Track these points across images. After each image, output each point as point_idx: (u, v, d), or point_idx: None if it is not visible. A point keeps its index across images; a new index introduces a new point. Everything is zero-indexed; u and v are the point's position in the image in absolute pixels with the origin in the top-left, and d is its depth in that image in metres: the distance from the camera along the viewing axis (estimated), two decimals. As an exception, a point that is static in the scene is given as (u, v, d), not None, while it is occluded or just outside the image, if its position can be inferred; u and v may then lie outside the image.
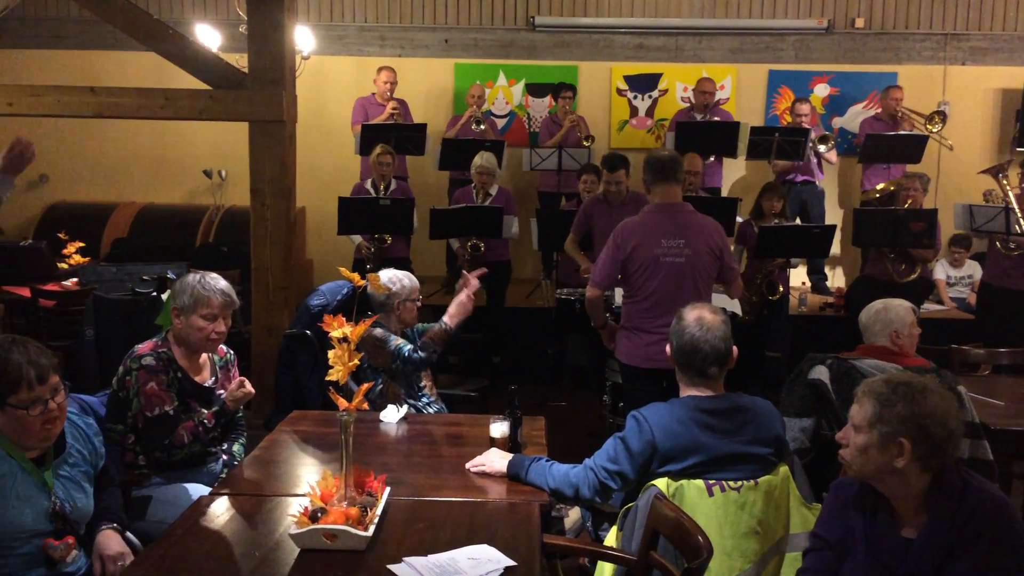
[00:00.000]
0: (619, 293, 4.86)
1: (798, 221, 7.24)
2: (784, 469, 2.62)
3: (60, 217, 7.94)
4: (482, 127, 7.50)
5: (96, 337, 5.02)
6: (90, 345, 5.02)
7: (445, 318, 3.69)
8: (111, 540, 2.44)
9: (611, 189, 5.55)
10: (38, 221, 8.18)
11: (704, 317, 2.67)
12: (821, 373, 3.36)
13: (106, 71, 8.09)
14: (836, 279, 8.44)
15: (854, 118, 8.34)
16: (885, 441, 2.03)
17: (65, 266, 6.22)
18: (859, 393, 2.13)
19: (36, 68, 8.33)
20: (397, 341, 3.68)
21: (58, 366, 2.35)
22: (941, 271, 7.42)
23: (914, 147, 7.22)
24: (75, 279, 5.92)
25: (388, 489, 2.48)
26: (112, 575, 2.39)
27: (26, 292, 5.66)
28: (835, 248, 8.04)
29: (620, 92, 8.53)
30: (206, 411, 3.06)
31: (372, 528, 2.25)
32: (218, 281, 3.12)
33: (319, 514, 2.23)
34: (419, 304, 3.94)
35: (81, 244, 6.38)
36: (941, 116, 7.35)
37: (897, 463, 2.02)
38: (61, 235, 6.38)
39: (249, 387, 3.10)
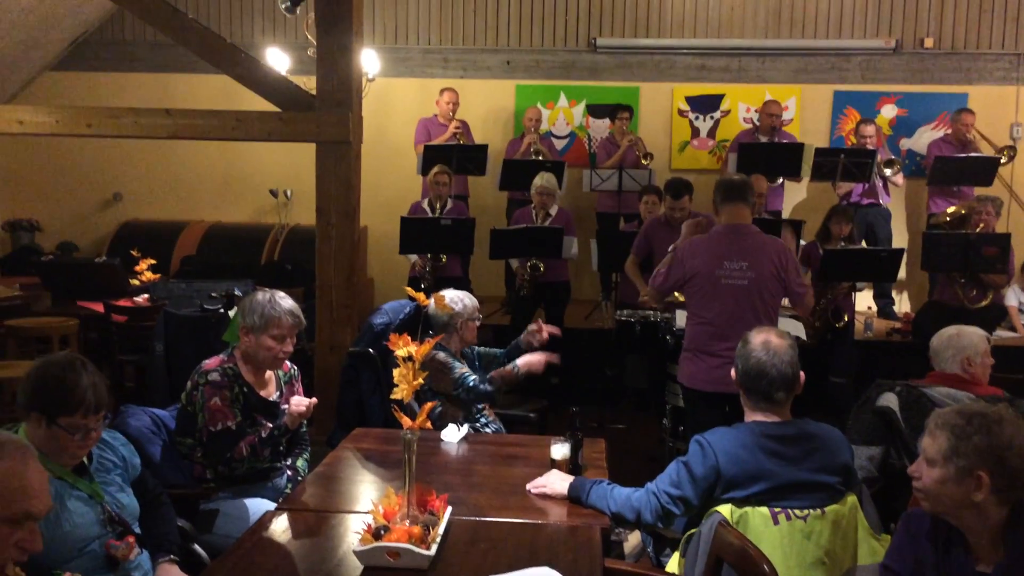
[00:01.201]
0: (679, 315, 4.83)
1: (863, 244, 7.10)
2: (852, 499, 2.56)
3: (133, 235, 8.19)
4: (539, 157, 7.53)
5: (165, 352, 5.15)
6: (159, 360, 5.15)
7: (519, 363, 3.73)
8: (171, 574, 2.48)
9: (675, 216, 5.53)
10: (111, 238, 8.45)
11: (771, 341, 2.63)
12: (890, 400, 3.28)
13: (178, 93, 8.34)
14: (903, 304, 8.24)
15: (922, 139, 8.16)
16: (962, 475, 1.96)
17: (137, 282, 6.38)
18: (931, 425, 2.06)
19: (113, 90, 8.63)
20: (462, 369, 3.71)
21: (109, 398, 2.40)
22: (1013, 297, 7.19)
23: (985, 169, 7.05)
24: (146, 295, 6.07)
25: (450, 508, 2.50)
26: None
27: (100, 307, 5.84)
28: (901, 272, 7.88)
29: (681, 113, 8.49)
30: (268, 424, 3.12)
31: (434, 547, 2.26)
32: (286, 301, 3.18)
33: (382, 532, 2.25)
34: (479, 323, 3.97)
35: (152, 261, 6.53)
36: (1011, 151, 7.16)
37: (975, 497, 1.95)
38: (134, 252, 6.56)
39: (305, 407, 3.11)
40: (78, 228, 8.99)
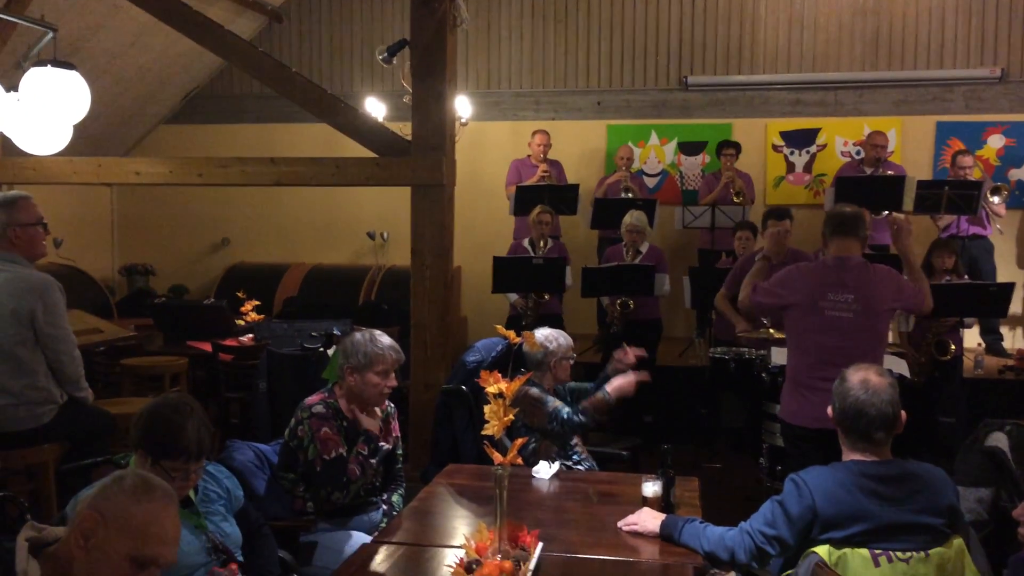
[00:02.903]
0: (776, 352, 4.74)
1: (967, 278, 6.83)
2: (958, 541, 2.46)
3: (239, 277, 8.55)
4: (630, 195, 7.54)
5: (268, 389, 5.32)
6: (263, 397, 5.32)
7: (608, 388, 3.77)
8: None
9: (778, 237, 5.41)
10: (219, 281, 8.85)
11: (870, 380, 2.56)
12: (999, 440, 3.15)
13: (282, 142, 8.71)
14: (1017, 341, 7.86)
15: (1032, 169, 7.84)
16: None
17: (242, 323, 6.62)
18: None
19: (221, 141, 9.09)
20: (555, 403, 3.73)
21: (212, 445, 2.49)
22: None
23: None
24: (251, 335, 6.30)
25: (541, 544, 2.51)
26: None
27: (208, 347, 6.10)
28: (1016, 307, 7.53)
29: (776, 148, 8.39)
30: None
31: (525, 582, 2.27)
32: (385, 338, 3.28)
33: (474, 566, 2.28)
34: (572, 362, 3.99)
35: (257, 302, 6.77)
36: None
37: None
38: (239, 294, 6.81)
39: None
40: (189, 272, 9.44)
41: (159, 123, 9.44)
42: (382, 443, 3.32)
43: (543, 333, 3.92)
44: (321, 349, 5.40)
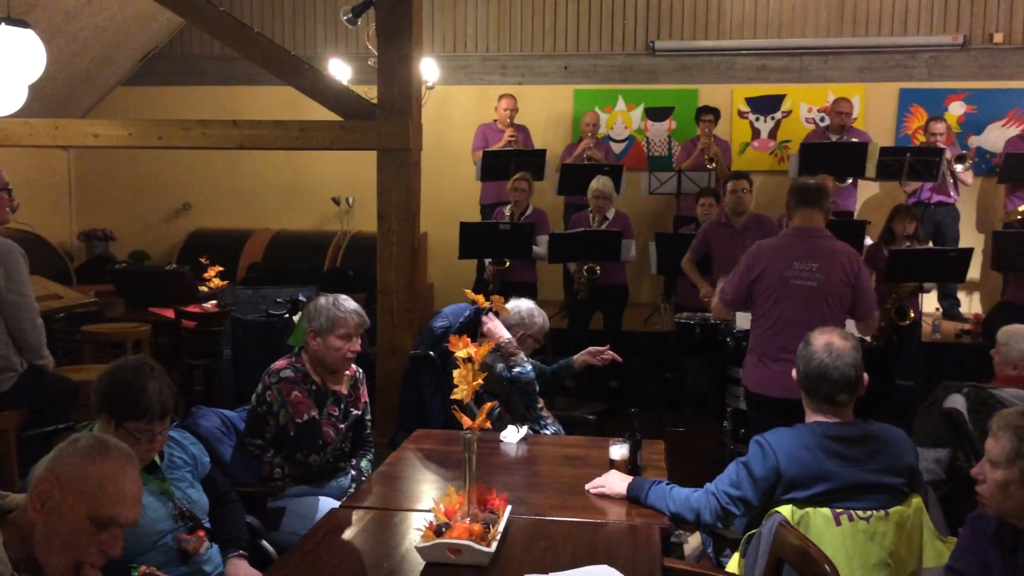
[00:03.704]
0: (740, 317, 4.79)
1: (931, 244, 6.94)
2: (917, 500, 2.52)
3: (201, 243, 8.42)
4: (593, 161, 7.52)
5: (233, 356, 5.28)
6: (227, 364, 5.28)
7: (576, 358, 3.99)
8: (240, 569, 2.55)
9: (737, 196, 5.47)
10: (181, 247, 8.72)
11: (833, 343, 2.60)
12: (957, 402, 3.22)
13: (244, 104, 8.56)
14: (974, 305, 8.02)
15: (992, 137, 7.95)
16: None
17: (206, 289, 6.56)
18: (994, 427, 2.04)
19: (182, 103, 8.90)
20: (499, 366, 3.74)
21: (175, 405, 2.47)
22: (1091, 297, 6.96)
23: (1059, 166, 6.83)
24: (214, 301, 6.25)
25: (510, 507, 2.53)
26: None
27: (170, 314, 6.03)
28: (975, 273, 7.67)
29: (742, 114, 8.41)
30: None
31: (495, 544, 2.29)
32: (349, 302, 3.26)
33: (443, 529, 2.30)
34: (540, 344, 4.01)
35: (220, 268, 6.71)
36: None
37: None
38: (202, 260, 6.74)
39: None
40: (149, 237, 9.29)
41: (117, 84, 9.21)
42: (351, 408, 3.31)
43: (527, 306, 3.94)
44: (286, 315, 5.36)
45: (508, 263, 6.35)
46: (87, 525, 1.79)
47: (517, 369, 3.67)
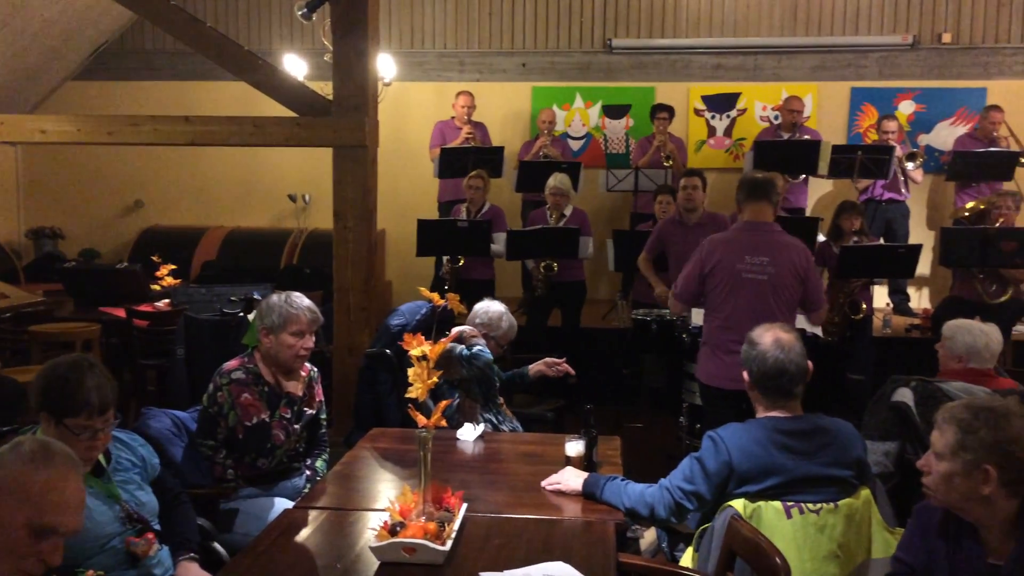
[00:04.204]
0: (696, 313, 4.83)
1: (881, 240, 7.07)
2: (866, 492, 2.57)
3: (154, 241, 8.29)
4: (550, 158, 7.53)
5: (186, 356, 5.20)
6: (180, 364, 5.20)
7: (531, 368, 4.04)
8: (190, 572, 2.51)
9: (687, 193, 5.53)
10: (133, 245, 8.55)
11: (781, 338, 2.64)
12: (905, 395, 3.28)
13: (198, 100, 8.44)
14: (923, 300, 8.19)
15: (941, 135, 8.12)
16: (969, 468, 1.96)
17: (158, 288, 6.45)
18: (939, 420, 2.07)
19: (133, 99, 8.75)
20: (460, 346, 3.73)
21: (117, 399, 2.42)
22: (1035, 291, 7.13)
23: (1005, 164, 6.99)
24: (167, 300, 6.14)
25: (465, 505, 2.53)
26: None
27: (121, 313, 5.91)
28: (925, 269, 7.83)
29: (698, 112, 8.49)
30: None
31: (449, 543, 2.29)
32: (302, 299, 3.23)
33: (398, 528, 2.29)
34: (502, 351, 4.02)
35: (173, 267, 6.60)
36: None
37: (983, 490, 1.96)
38: (155, 258, 6.63)
39: None
40: (100, 235, 9.12)
41: (67, 79, 9.00)
42: (306, 408, 3.28)
43: (499, 309, 3.95)
44: (241, 314, 5.29)
45: (462, 261, 6.33)
46: (25, 534, 1.73)
47: (477, 348, 3.68)
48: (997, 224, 5.96)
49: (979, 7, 8.11)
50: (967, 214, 6.67)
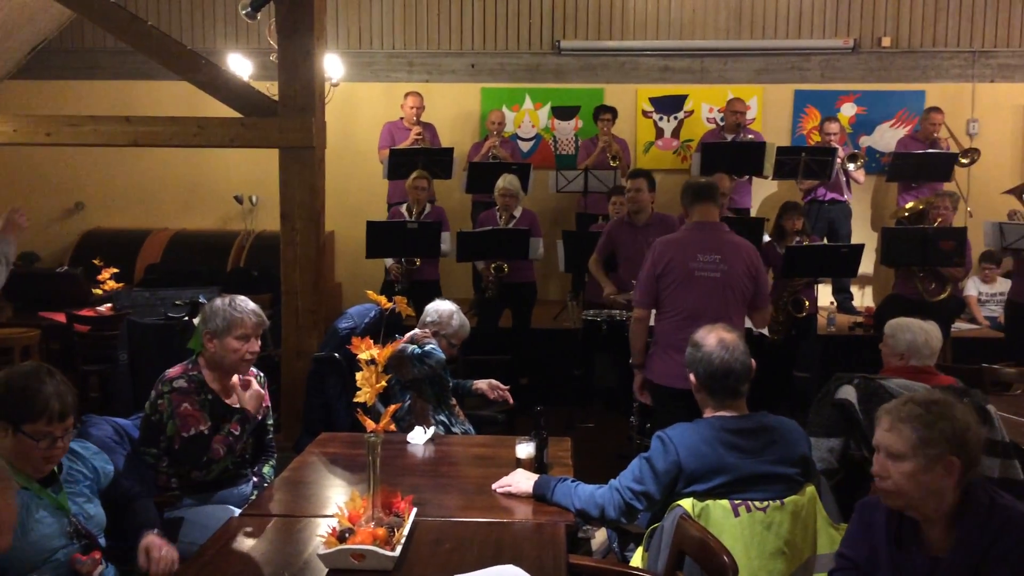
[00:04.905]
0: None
1: (824, 240, 7.20)
2: (811, 489, 2.61)
3: (95, 243, 8.08)
4: (499, 159, 7.54)
5: (130, 361, 5.10)
6: (124, 369, 5.10)
7: (476, 384, 4.08)
8: (153, 542, 2.47)
9: (631, 196, 5.57)
10: (74, 248, 8.34)
11: (725, 338, 2.68)
12: (848, 393, 3.34)
13: (140, 100, 8.27)
14: (866, 298, 8.37)
15: (882, 137, 8.31)
16: (933, 463, 1.98)
17: (100, 292, 6.30)
18: (887, 421, 2.06)
19: (73, 98, 8.54)
20: (411, 346, 3.71)
21: (76, 407, 2.38)
22: (973, 288, 7.34)
23: (943, 165, 7.18)
24: (109, 304, 6.01)
25: (415, 510, 2.51)
26: (159, 561, 2.42)
27: (62, 318, 5.78)
28: (868, 268, 8.00)
29: (646, 114, 8.56)
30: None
31: (399, 548, 2.27)
32: (247, 303, 3.18)
33: (347, 534, 2.26)
34: (455, 350, 4.00)
35: (115, 270, 6.45)
36: (975, 154, 7.32)
37: (947, 483, 1.98)
38: (96, 261, 6.47)
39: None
40: (39, 238, 8.85)
41: (3, 78, 8.75)
42: (256, 414, 3.23)
43: (448, 308, 3.92)
44: (186, 318, 5.20)
45: (419, 262, 6.31)
46: None
47: (430, 346, 3.66)
48: (936, 224, 6.11)
49: (917, 12, 8.32)
50: (907, 214, 6.83)
